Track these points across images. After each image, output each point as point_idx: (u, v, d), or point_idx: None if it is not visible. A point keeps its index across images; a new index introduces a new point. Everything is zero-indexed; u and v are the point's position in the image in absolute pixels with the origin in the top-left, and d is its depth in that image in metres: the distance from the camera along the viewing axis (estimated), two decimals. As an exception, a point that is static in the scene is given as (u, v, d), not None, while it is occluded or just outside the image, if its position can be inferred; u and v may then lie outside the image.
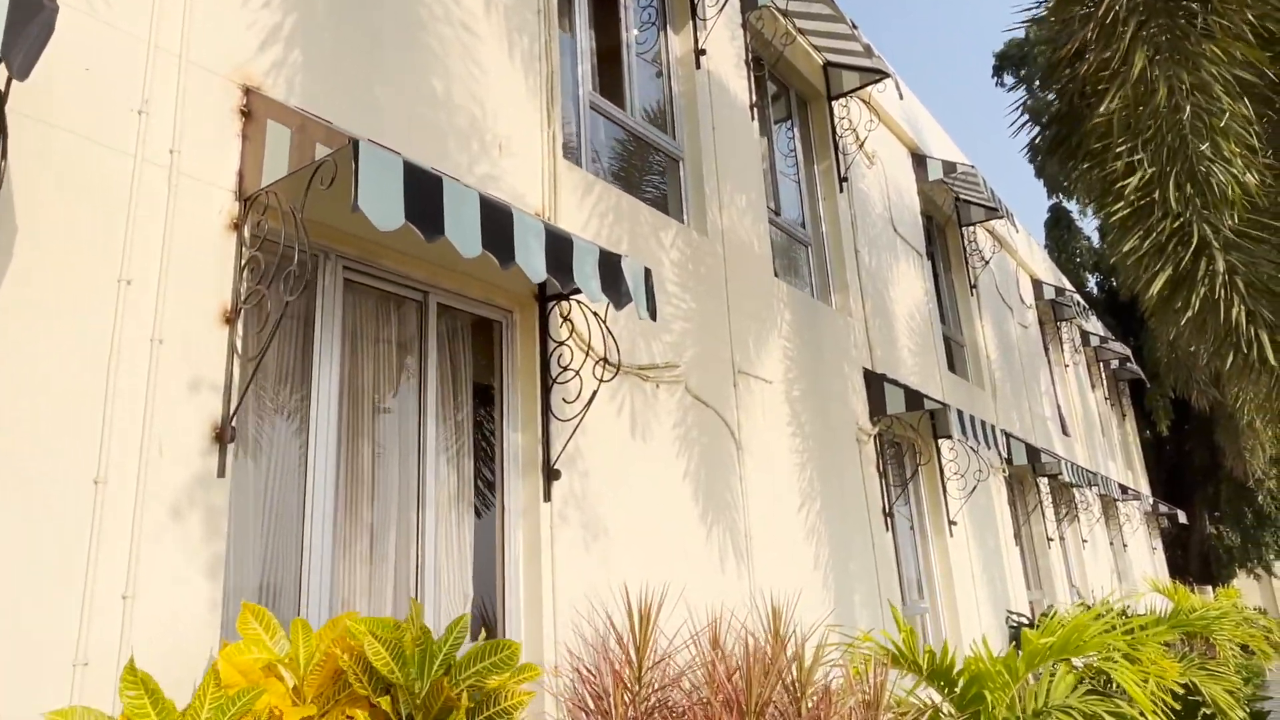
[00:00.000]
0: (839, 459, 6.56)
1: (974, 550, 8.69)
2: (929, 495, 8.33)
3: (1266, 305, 4.15)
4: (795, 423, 6.10)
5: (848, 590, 6.16)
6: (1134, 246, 4.47)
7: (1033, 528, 11.41)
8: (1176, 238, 4.24)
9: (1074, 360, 16.04)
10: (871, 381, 7.31)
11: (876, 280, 8.18)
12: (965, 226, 11.17)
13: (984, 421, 7.50)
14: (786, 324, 6.35)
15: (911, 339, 8.63)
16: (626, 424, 4.49)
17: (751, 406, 5.61)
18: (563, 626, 3.77)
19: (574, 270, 3.30)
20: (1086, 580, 12.94)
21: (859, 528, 6.58)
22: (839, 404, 6.79)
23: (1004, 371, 11.48)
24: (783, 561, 5.49)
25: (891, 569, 6.92)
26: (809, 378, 6.44)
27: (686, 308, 5.22)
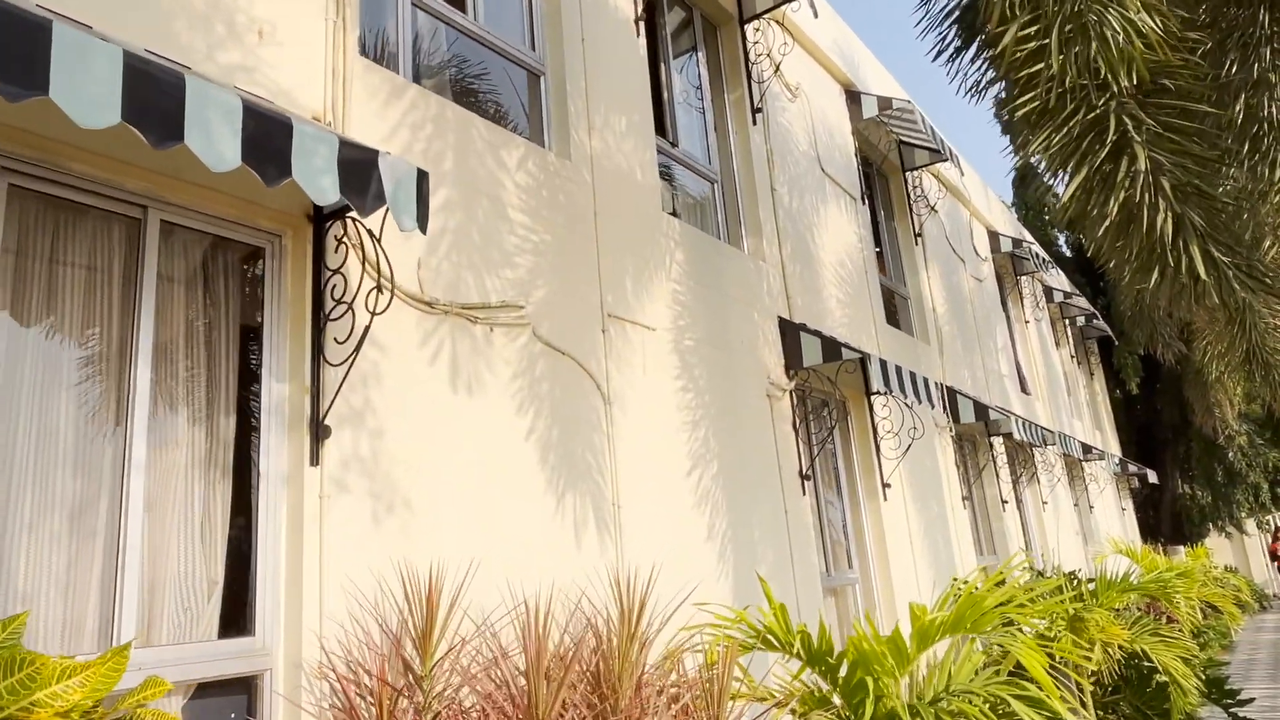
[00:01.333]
0: (744, 416, 5.87)
1: (913, 514, 8.05)
2: (861, 456, 7.67)
3: (1197, 209, 3.47)
4: (687, 375, 5.39)
5: (751, 562, 5.48)
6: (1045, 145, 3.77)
7: (985, 490, 10.82)
8: (1092, 132, 3.54)
9: (1036, 317, 15.43)
10: (787, 331, 6.61)
11: (799, 223, 7.46)
12: (909, 171, 10.46)
13: (913, 374, 6.83)
14: (679, 265, 5.62)
15: (841, 288, 7.93)
16: (444, 374, 3.76)
17: (627, 356, 4.90)
18: (335, 618, 3.05)
19: (293, 162, 2.56)
20: (1048, 543, 12.40)
21: (768, 493, 5.90)
22: (746, 356, 6.08)
23: (954, 326, 10.83)
24: (664, 533, 4.80)
25: (809, 537, 6.25)
26: (707, 326, 5.73)
27: (538, 240, 4.48)
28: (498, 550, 3.75)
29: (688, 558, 4.94)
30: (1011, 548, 10.66)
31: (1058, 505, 13.37)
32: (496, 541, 3.76)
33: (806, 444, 6.75)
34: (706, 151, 6.79)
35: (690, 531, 5.03)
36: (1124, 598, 7.32)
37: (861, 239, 8.71)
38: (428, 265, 3.81)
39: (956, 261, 11.70)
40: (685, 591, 4.78)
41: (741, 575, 5.38)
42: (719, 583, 5.15)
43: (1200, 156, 3.48)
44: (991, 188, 14.41)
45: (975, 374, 11.14)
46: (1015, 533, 11.01)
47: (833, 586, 6.91)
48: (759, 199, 6.89)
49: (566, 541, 4.14)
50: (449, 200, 4.02)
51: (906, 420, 7.90)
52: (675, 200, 6.48)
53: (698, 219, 6.67)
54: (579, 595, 4.05)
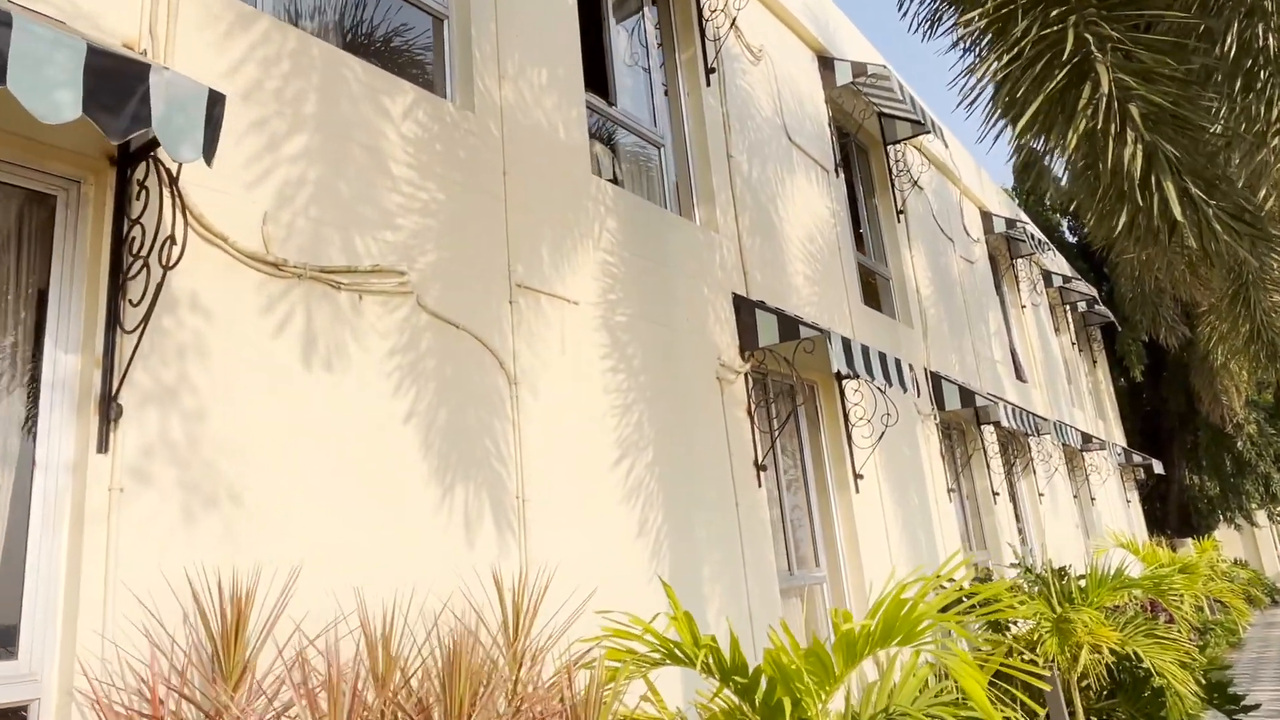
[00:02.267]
0: (689, 400, 5.33)
1: (890, 507, 7.49)
2: (831, 445, 7.11)
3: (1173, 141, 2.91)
4: (618, 355, 4.85)
5: (691, 562, 4.94)
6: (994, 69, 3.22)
7: (975, 481, 10.24)
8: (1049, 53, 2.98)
9: (1034, 302, 14.82)
10: (742, 308, 6.06)
11: (760, 193, 6.90)
12: (891, 145, 9.88)
13: (883, 354, 6.27)
14: (611, 234, 5.08)
15: (810, 265, 7.37)
16: (295, 346, 3.23)
17: (541, 332, 4.36)
18: (125, 636, 2.53)
19: (10, 69, 2.04)
20: (1045, 538, 11.81)
21: (716, 484, 5.36)
22: (693, 334, 5.54)
23: (941, 309, 10.25)
24: (583, 530, 4.27)
25: (765, 532, 5.71)
26: (645, 300, 5.19)
27: (428, 199, 3.94)
28: (357, 551, 3.22)
29: (613, 557, 4.40)
30: (1003, 543, 10.09)
31: (1056, 497, 12.78)
32: (356, 541, 3.23)
33: (766, 431, 6.20)
34: (653, 114, 6.24)
35: (617, 528, 4.49)
36: (1117, 595, 6.75)
37: (835, 214, 8.15)
38: (277, 220, 3.29)
39: (944, 241, 11.11)
40: (605, 595, 4.24)
41: (680, 576, 4.84)
42: (652, 585, 4.61)
43: (1178, 79, 2.92)
44: (994, 177, 13.83)
45: (964, 359, 10.56)
46: (1008, 526, 10.44)
47: (797, 587, 6.37)
48: (712, 166, 6.34)
49: (454, 540, 3.61)
50: (309, 148, 3.49)
51: (880, 406, 7.34)
52: (617, 165, 5.93)
53: (642, 186, 6.13)
54: (467, 601, 3.52)
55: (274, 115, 3.38)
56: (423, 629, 3.32)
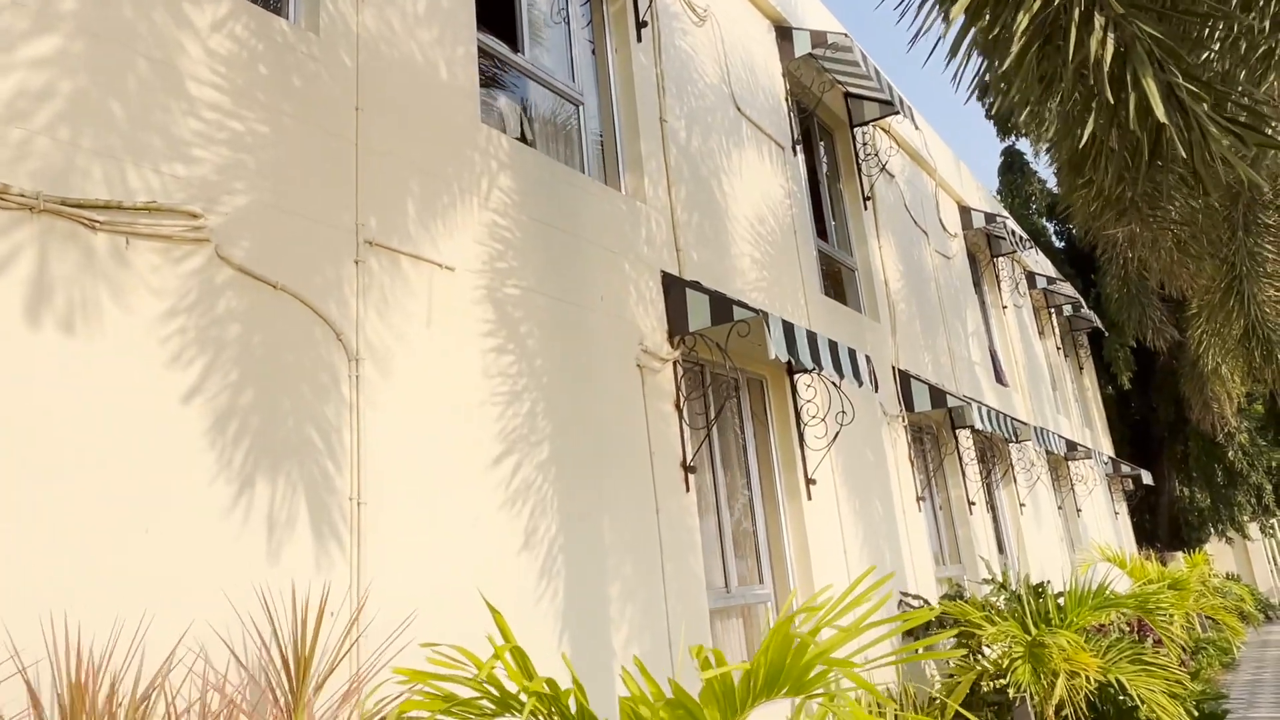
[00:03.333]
0: (600, 390, 4.59)
1: (848, 517, 6.75)
2: (780, 446, 6.37)
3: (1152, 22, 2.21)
4: (507, 332, 4.11)
5: (594, 578, 4.19)
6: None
7: (949, 490, 9.51)
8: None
9: (1016, 303, 14.14)
10: (672, 288, 5.33)
11: (701, 165, 6.19)
12: (858, 127, 9.19)
13: (834, 343, 5.54)
14: (505, 193, 4.35)
15: (759, 247, 6.65)
16: (15, 299, 2.48)
17: (400, 301, 3.62)
18: None
19: None
20: (1025, 550, 11.08)
21: (632, 488, 4.62)
22: (609, 315, 4.80)
23: (912, 305, 9.54)
24: (448, 540, 3.51)
25: (693, 543, 4.96)
26: (546, 272, 4.46)
27: (242, 130, 3.20)
28: (91, 567, 2.46)
29: (487, 574, 3.64)
30: (980, 556, 9.34)
31: (1038, 508, 12.06)
32: (92, 554, 2.47)
33: (701, 429, 5.46)
34: (571, 69, 5.52)
35: (495, 538, 3.73)
36: (1099, 615, 6.01)
37: (791, 194, 7.44)
38: (4, 141, 2.54)
39: (918, 234, 10.42)
40: (473, 622, 3.48)
41: (579, 595, 4.08)
42: (539, 606, 3.85)
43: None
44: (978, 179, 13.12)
45: (938, 358, 9.85)
46: (985, 538, 9.70)
47: (737, 606, 5.61)
48: (642, 131, 5.62)
49: (250, 550, 2.85)
50: (66, 52, 2.75)
51: (834, 403, 6.60)
52: (527, 123, 5.21)
53: (560, 150, 5.40)
54: (257, 632, 2.76)
55: (9, 7, 2.64)
56: (186, 669, 2.55)
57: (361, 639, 3.08)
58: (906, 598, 7.27)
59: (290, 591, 2.92)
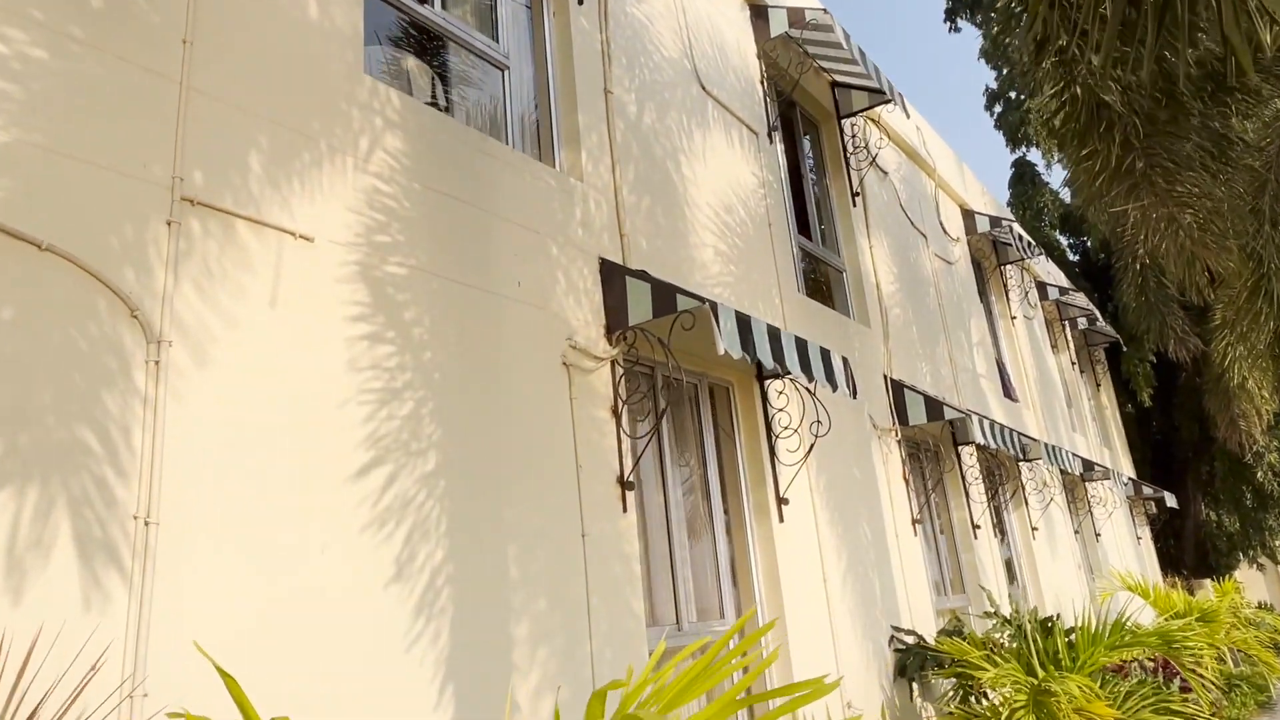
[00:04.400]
0: (512, 392, 3.88)
1: (829, 541, 5.98)
2: (749, 461, 5.63)
3: None
4: (385, 318, 3.42)
5: (492, 615, 3.46)
6: None
7: (951, 512, 8.70)
8: None
9: (1026, 314, 13.35)
10: (612, 277, 4.63)
11: (655, 145, 5.51)
12: (847, 119, 8.51)
13: (802, 341, 4.82)
14: (392, 156, 3.68)
15: (725, 239, 5.95)
16: None
17: (230, 273, 2.94)
18: None
19: None
20: (1039, 578, 10.21)
21: (551, 507, 3.89)
22: (528, 305, 4.11)
23: (908, 310, 8.80)
24: (282, 570, 2.80)
25: (630, 573, 4.22)
26: (446, 252, 3.77)
27: (6, 53, 2.54)
28: None
29: (340, 612, 2.93)
30: (987, 584, 8.50)
31: (1053, 532, 11.19)
32: None
33: (644, 437, 4.74)
34: (495, 28, 4.87)
35: (353, 567, 3.02)
36: (1116, 655, 5.19)
37: (766, 184, 6.75)
38: None
39: (915, 236, 9.69)
40: (316, 674, 2.76)
41: (469, 636, 3.35)
42: (413, 651, 3.12)
43: None
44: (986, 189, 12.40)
45: (938, 369, 9.08)
46: (993, 565, 8.86)
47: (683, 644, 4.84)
48: (580, 101, 4.95)
49: (-35, 588, 2.15)
50: None
51: (808, 411, 5.85)
52: (440, 87, 4.56)
53: (483, 118, 4.74)
54: None
55: None
56: None
57: (140, 702, 2.36)
58: (899, 633, 6.47)
59: (33, 641, 2.22)
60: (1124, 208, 4.70)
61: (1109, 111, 4.41)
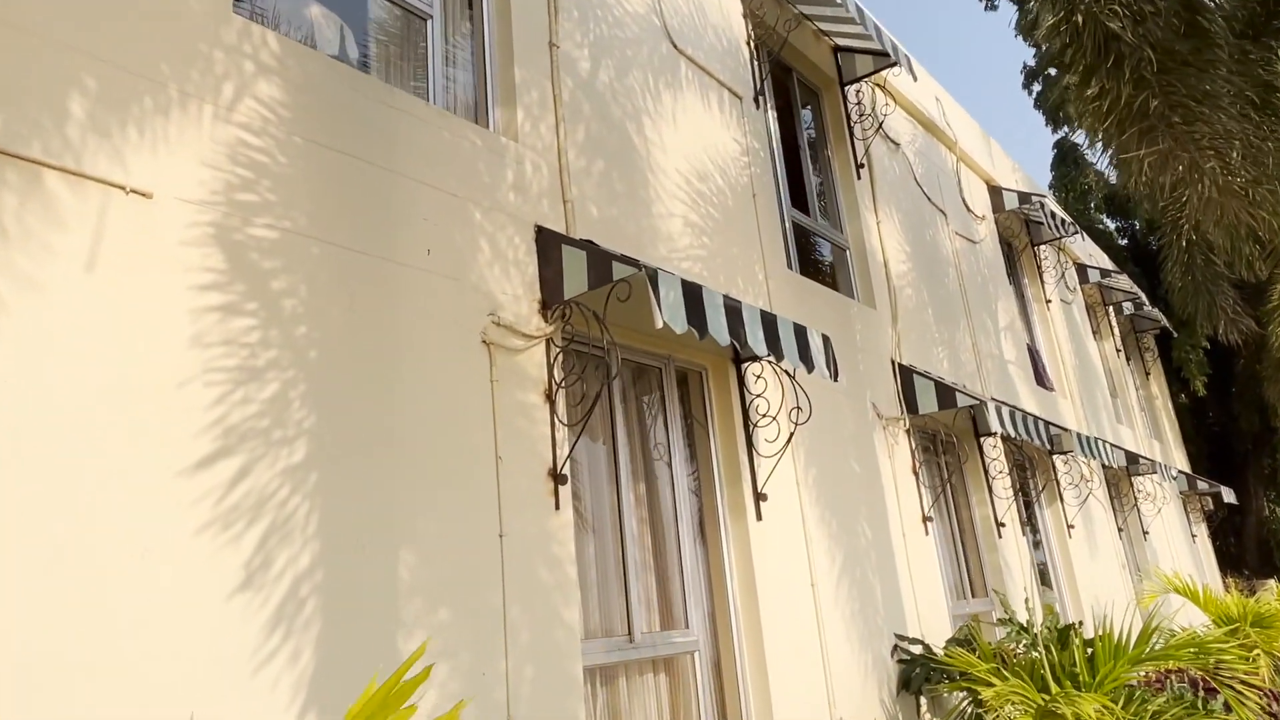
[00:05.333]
0: (413, 373, 3.41)
1: (818, 541, 5.41)
2: (723, 453, 5.09)
3: None
4: (244, 288, 2.97)
5: (374, 635, 2.99)
6: None
7: (973, 509, 8.01)
8: None
9: (1064, 298, 12.52)
10: (550, 247, 4.14)
11: (613, 106, 5.01)
12: (851, 85, 7.90)
13: (770, 315, 4.26)
14: (262, 104, 3.23)
15: (698, 208, 5.42)
16: None
17: (34, 230, 2.51)
18: None
19: None
20: (1075, 580, 9.45)
21: (461, 505, 3.42)
22: (440, 275, 3.64)
23: (922, 291, 8.14)
24: (85, 580, 2.36)
25: (565, 580, 3.71)
26: (331, 214, 3.32)
27: None
28: None
29: (165, 628, 2.48)
30: (1014, 587, 7.81)
31: (1092, 531, 10.39)
32: None
33: (609, 428, 4.23)
34: (419, -26, 4.41)
35: (184, 575, 2.57)
36: (1140, 669, 4.55)
37: (750, 152, 6.19)
38: None
39: (932, 212, 9.02)
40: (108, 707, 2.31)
41: (344, 655, 2.88)
42: (264, 673, 2.67)
43: None
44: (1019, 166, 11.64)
45: (958, 354, 8.41)
46: (1021, 567, 8.15)
47: (646, 660, 4.32)
48: (518, 54, 4.47)
49: None
50: None
51: (787, 397, 5.27)
52: (350, 40, 4.11)
53: (404, 75, 4.28)
54: None
55: None
56: None
57: None
58: (903, 642, 5.86)
59: None
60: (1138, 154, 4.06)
61: (1118, 44, 3.77)
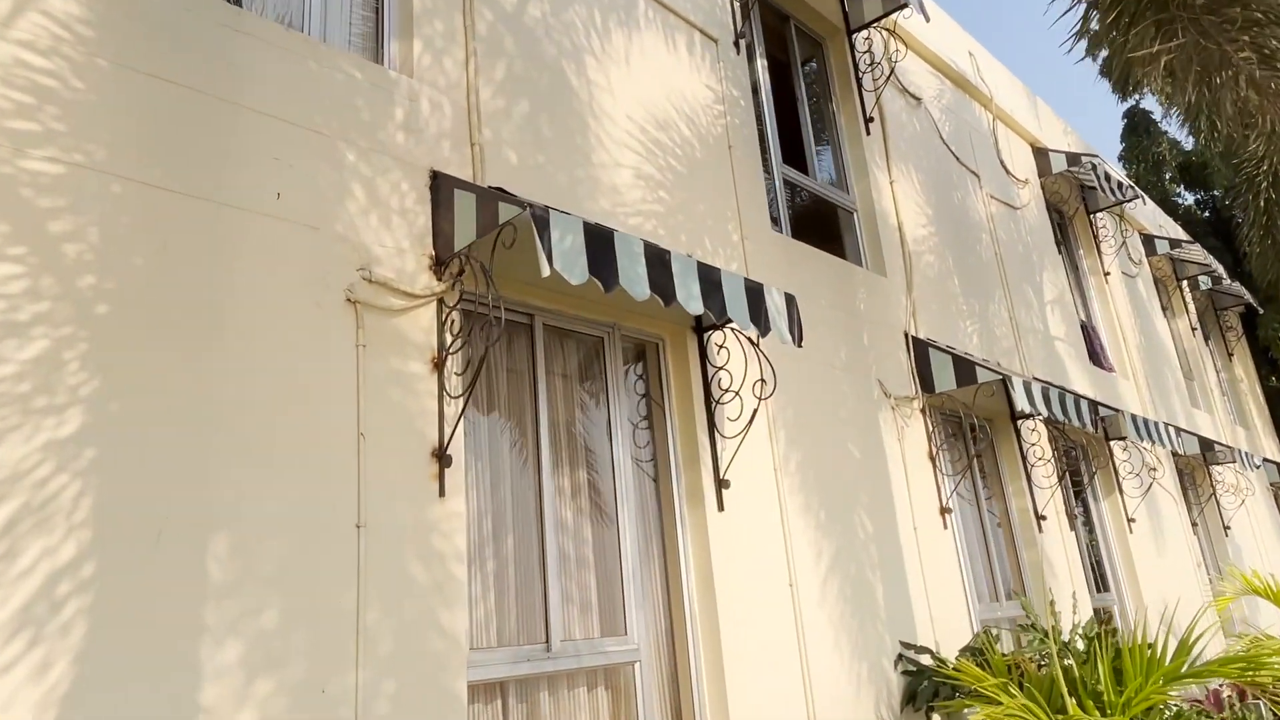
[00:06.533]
0: (251, 335, 2.90)
1: (801, 534, 4.72)
2: (681, 434, 4.46)
3: None
4: (5, 229, 2.50)
5: (170, 637, 2.47)
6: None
7: (1009, 500, 7.15)
8: None
9: (1127, 270, 11.40)
10: (446, 194, 3.58)
11: (544, 42, 4.42)
12: (857, 33, 7.14)
13: (712, 269, 3.61)
14: (54, 19, 2.76)
15: (654, 159, 4.79)
16: None
17: None
18: None
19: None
20: (1137, 580, 8.44)
21: (309, 487, 2.88)
22: (293, 223, 3.12)
23: (946, 259, 7.32)
24: None
25: (448, 579, 3.15)
26: (142, 147, 2.83)
27: None
28: None
29: None
30: (1058, 588, 6.93)
31: (1159, 525, 9.32)
32: None
33: (532, 403, 3.65)
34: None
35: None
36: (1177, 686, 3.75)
37: (727, 100, 5.53)
38: None
39: (961, 174, 8.16)
40: None
41: (117, 666, 2.37)
42: (-2, 691, 2.17)
43: None
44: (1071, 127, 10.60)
45: (991, 329, 7.55)
46: (1066, 565, 7.24)
47: (563, 671, 3.71)
48: (420, -21, 3.93)
49: None
50: None
51: (750, 369, 4.59)
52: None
53: (295, 13, 3.78)
54: None
55: None
56: None
57: None
58: (909, 651, 5.11)
59: None
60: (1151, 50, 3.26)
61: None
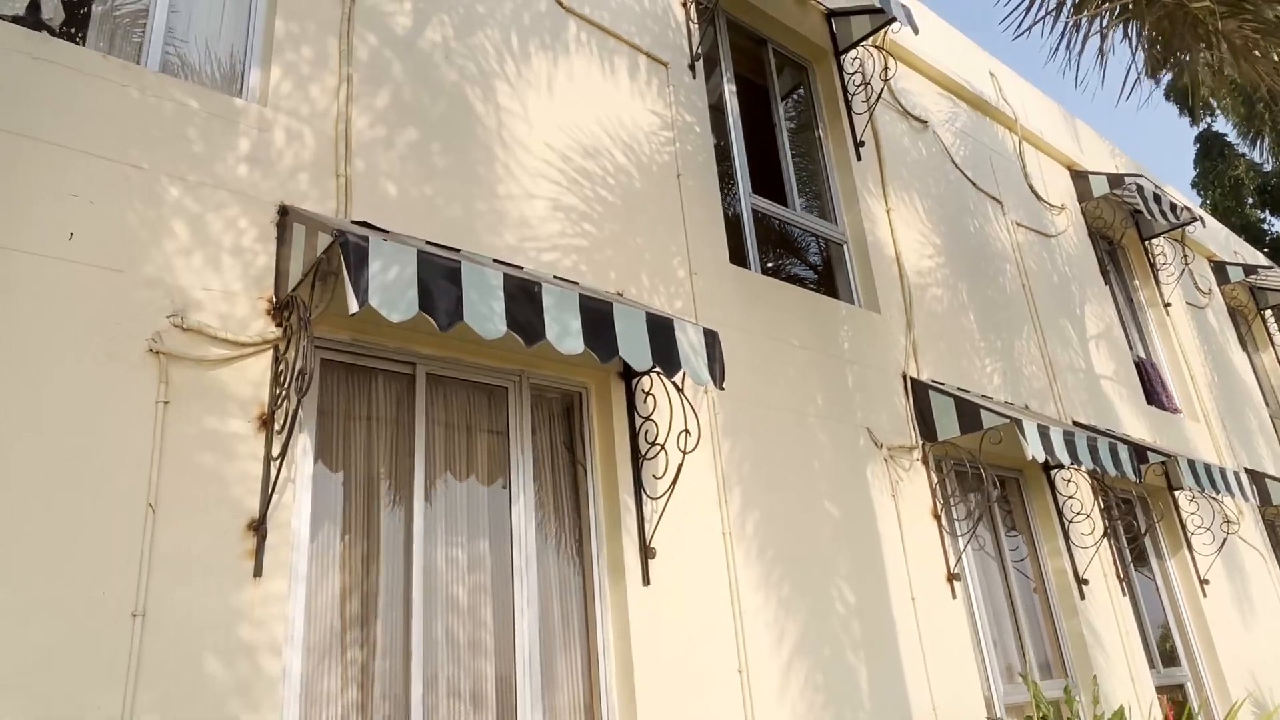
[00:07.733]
0: (17, 392, 2.52)
1: (753, 609, 4.05)
2: (604, 494, 3.89)
3: None
4: None
5: None
6: None
7: (1044, 562, 6.26)
8: None
9: (1196, 302, 10.34)
10: (292, 229, 3.17)
11: (442, 67, 4.06)
12: (845, 53, 6.62)
13: (599, 301, 3.10)
14: None
15: (579, 190, 4.33)
16: None
17: None
18: None
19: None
20: (1215, 654, 7.31)
21: (75, 574, 2.46)
22: (88, 267, 2.76)
23: (958, 293, 6.60)
24: None
25: (262, 672, 2.65)
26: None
27: None
28: None
29: None
30: (1106, 663, 5.97)
31: (1244, 589, 8.15)
32: None
33: (400, 465, 3.18)
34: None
35: None
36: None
37: (678, 127, 5.06)
38: None
39: (979, 200, 7.46)
40: None
41: None
42: None
43: None
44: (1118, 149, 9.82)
45: (1018, 368, 6.75)
46: (1118, 636, 6.26)
47: (442, 780, 3.14)
48: (282, 5, 3.62)
49: None
50: None
51: (676, 414, 4.00)
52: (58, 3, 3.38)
53: (117, 40, 3.50)
54: None
55: None
56: None
57: None
58: (901, 747, 4.33)
59: None
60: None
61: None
